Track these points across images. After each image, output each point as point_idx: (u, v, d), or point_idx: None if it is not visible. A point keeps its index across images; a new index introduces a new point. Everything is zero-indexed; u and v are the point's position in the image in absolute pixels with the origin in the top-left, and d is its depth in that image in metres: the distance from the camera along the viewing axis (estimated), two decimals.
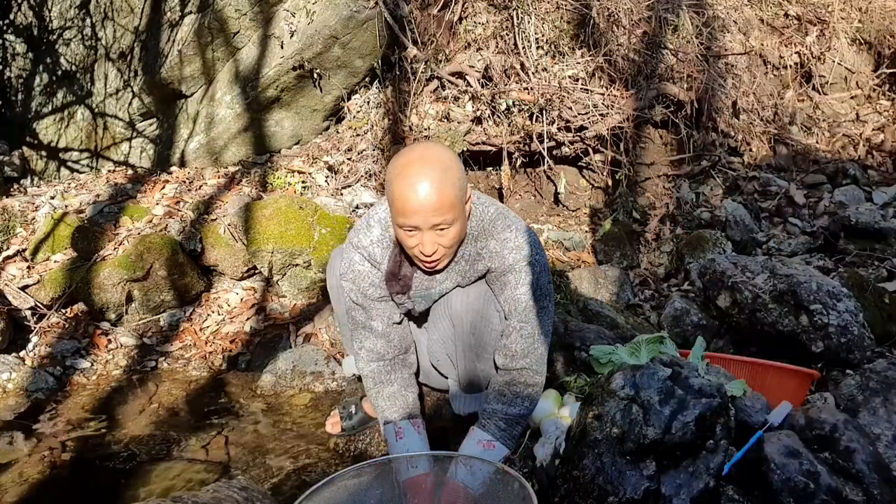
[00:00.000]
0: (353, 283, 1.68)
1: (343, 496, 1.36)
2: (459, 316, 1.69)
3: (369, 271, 1.66)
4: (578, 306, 2.67)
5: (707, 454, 1.46)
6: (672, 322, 2.49)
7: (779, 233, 3.30)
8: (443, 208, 1.44)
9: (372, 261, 1.66)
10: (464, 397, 1.88)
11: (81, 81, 5.11)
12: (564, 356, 2.21)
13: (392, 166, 1.48)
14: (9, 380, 2.40)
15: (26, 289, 2.72)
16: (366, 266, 1.66)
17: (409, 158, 1.47)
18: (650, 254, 3.42)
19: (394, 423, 1.68)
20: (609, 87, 3.72)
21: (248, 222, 2.95)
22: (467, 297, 1.67)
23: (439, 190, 1.42)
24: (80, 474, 1.90)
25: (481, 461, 1.40)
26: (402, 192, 1.43)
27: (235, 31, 3.87)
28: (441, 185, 1.43)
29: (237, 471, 1.86)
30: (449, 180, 1.44)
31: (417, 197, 1.42)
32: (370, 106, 3.90)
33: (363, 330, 1.72)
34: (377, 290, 1.68)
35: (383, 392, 1.72)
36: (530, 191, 3.96)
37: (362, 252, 1.65)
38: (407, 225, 1.46)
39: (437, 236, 1.48)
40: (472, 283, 1.68)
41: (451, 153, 1.54)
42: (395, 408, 1.70)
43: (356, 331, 1.74)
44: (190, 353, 2.65)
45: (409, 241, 1.50)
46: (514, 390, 1.65)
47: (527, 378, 1.65)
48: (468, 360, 1.76)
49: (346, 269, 1.68)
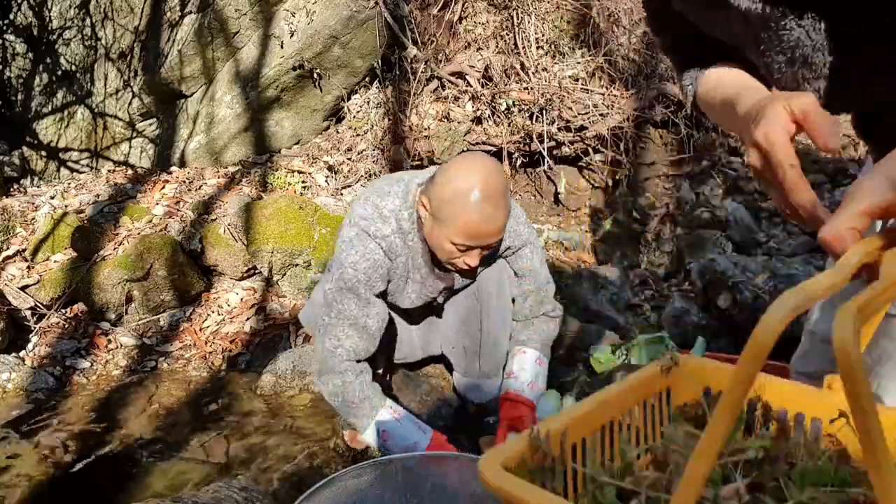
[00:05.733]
0: (364, 274, 1.60)
1: (343, 496, 1.36)
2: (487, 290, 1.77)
3: (384, 261, 1.62)
4: (578, 306, 2.66)
5: None
6: (672, 322, 2.49)
7: (779, 233, 3.29)
8: (501, 233, 1.54)
9: (389, 253, 1.62)
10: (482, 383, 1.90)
11: (81, 81, 5.11)
12: (564, 356, 2.21)
13: (460, 180, 1.48)
14: (9, 380, 2.39)
15: (26, 289, 2.72)
16: (381, 255, 1.61)
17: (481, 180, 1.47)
18: (650, 254, 3.42)
19: (385, 407, 1.67)
20: (609, 87, 3.72)
21: (248, 222, 2.95)
22: (488, 273, 1.77)
23: (503, 219, 1.51)
24: (80, 474, 1.89)
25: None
26: (472, 220, 1.47)
27: (235, 31, 3.87)
28: (504, 215, 1.51)
29: (237, 471, 1.85)
30: (507, 208, 1.53)
31: (487, 227, 1.49)
32: (370, 106, 3.90)
33: (351, 327, 1.63)
34: (384, 283, 1.66)
35: (366, 381, 1.67)
36: (530, 191, 3.96)
37: (381, 242, 1.61)
38: (468, 245, 1.51)
39: (484, 251, 1.56)
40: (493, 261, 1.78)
41: (500, 167, 1.62)
42: (379, 393, 1.69)
43: (339, 327, 1.63)
44: (190, 353, 2.64)
45: (455, 254, 1.54)
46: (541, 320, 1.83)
47: (548, 312, 1.84)
48: (496, 329, 1.81)
49: (360, 256, 1.60)
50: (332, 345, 1.64)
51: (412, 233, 1.63)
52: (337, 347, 1.64)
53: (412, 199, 1.62)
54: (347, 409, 1.66)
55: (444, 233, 1.51)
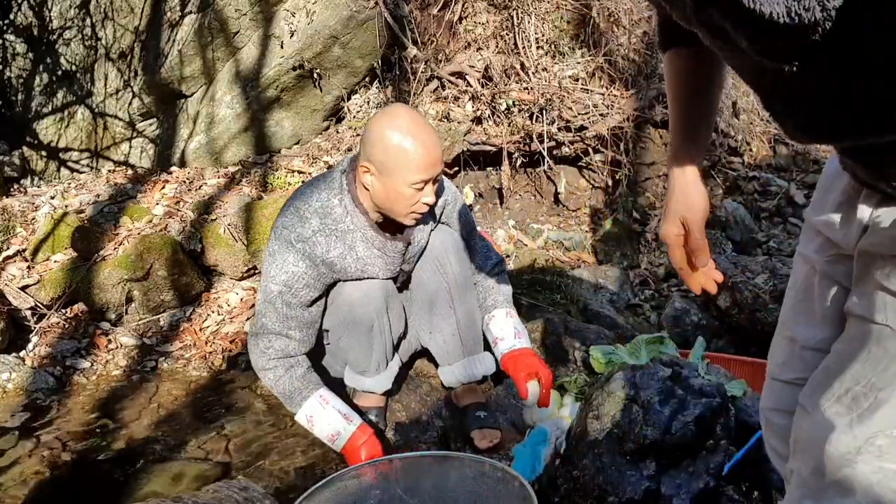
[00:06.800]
0: (285, 287, 1.66)
1: (343, 496, 1.36)
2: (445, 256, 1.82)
3: (305, 271, 1.66)
4: (578, 306, 2.67)
5: (707, 454, 1.46)
6: (672, 322, 2.49)
7: (779, 233, 3.30)
8: (442, 156, 1.63)
9: (311, 255, 1.65)
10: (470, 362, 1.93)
11: (81, 81, 5.11)
12: (564, 356, 2.21)
13: (389, 130, 1.56)
14: (9, 380, 2.39)
15: (26, 289, 2.72)
16: (301, 266, 1.65)
17: (407, 120, 1.57)
18: (650, 254, 3.42)
19: (314, 396, 1.72)
20: (609, 87, 3.72)
21: (248, 222, 2.95)
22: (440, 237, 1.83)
23: (439, 142, 1.61)
24: (80, 474, 1.90)
25: (481, 461, 1.40)
26: (421, 149, 1.55)
27: (235, 31, 3.87)
28: (437, 138, 1.61)
29: (237, 471, 1.85)
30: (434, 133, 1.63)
31: (433, 153, 1.57)
32: (370, 106, 3.90)
33: (276, 337, 1.71)
34: (312, 290, 1.69)
35: (295, 374, 1.74)
36: (530, 191, 3.96)
37: (303, 245, 1.64)
38: (423, 179, 1.57)
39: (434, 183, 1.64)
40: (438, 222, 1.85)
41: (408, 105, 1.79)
42: (310, 384, 1.74)
43: (264, 335, 1.72)
44: (190, 353, 2.65)
45: (414, 197, 1.60)
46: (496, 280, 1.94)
47: (500, 269, 1.97)
48: (467, 297, 1.87)
49: (278, 271, 1.66)
50: (264, 346, 1.73)
51: (352, 213, 1.67)
52: (268, 348, 1.73)
53: (339, 184, 1.68)
54: (283, 398, 1.77)
55: (399, 180, 1.57)
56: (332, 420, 1.71)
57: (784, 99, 0.72)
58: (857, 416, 0.77)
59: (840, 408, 0.79)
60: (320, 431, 1.73)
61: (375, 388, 1.92)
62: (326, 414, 1.72)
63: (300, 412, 1.74)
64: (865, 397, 0.77)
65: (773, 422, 1.05)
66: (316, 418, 1.72)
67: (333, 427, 1.71)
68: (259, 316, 1.73)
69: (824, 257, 0.92)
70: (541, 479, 1.66)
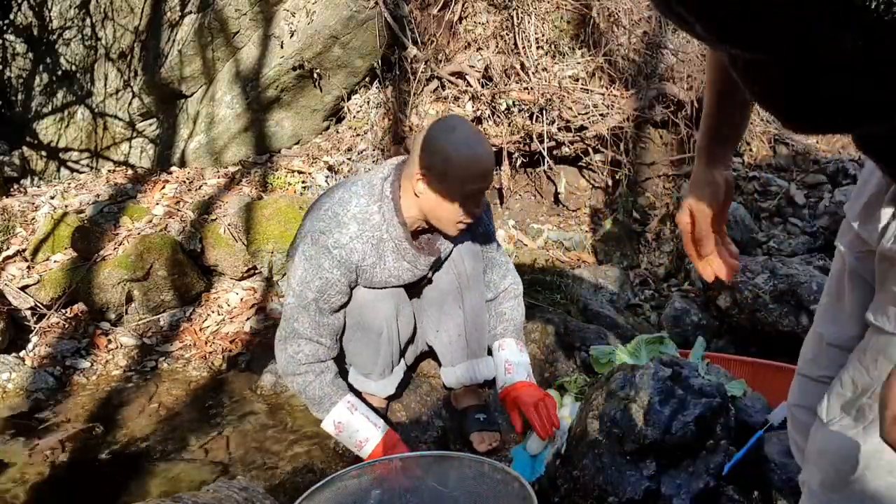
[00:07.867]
0: (319, 293, 1.64)
1: (343, 496, 1.36)
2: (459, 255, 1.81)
3: (339, 278, 1.64)
4: (578, 306, 2.67)
5: (707, 454, 1.46)
6: (672, 322, 2.49)
7: (779, 233, 3.30)
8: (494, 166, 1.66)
9: (347, 262, 1.63)
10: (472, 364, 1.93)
11: (81, 81, 5.11)
12: (564, 356, 2.21)
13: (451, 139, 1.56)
14: (9, 380, 2.39)
15: (26, 289, 2.72)
16: (335, 273, 1.63)
17: (466, 131, 1.58)
18: (650, 254, 3.42)
19: (343, 401, 1.72)
20: (609, 87, 3.72)
21: (248, 222, 2.95)
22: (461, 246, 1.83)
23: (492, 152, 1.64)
24: (80, 474, 1.90)
25: (480, 461, 1.40)
26: (480, 160, 1.57)
27: (235, 31, 3.87)
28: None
29: (237, 471, 1.85)
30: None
31: (491, 162, 1.60)
32: (370, 106, 3.90)
33: (306, 342, 1.70)
34: (343, 297, 1.68)
35: (325, 380, 1.73)
36: (530, 191, 3.96)
37: (339, 252, 1.61)
38: (480, 188, 1.59)
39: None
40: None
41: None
42: (339, 390, 1.74)
43: (293, 340, 1.70)
44: (190, 353, 2.65)
45: (466, 206, 1.59)
46: (510, 307, 1.92)
47: (514, 291, 1.94)
48: (475, 296, 1.86)
49: (313, 277, 1.63)
50: (294, 350, 1.71)
51: (389, 222, 1.64)
52: (297, 353, 1.71)
53: (381, 191, 1.64)
54: (310, 404, 1.75)
55: (456, 188, 1.56)
56: (361, 426, 1.70)
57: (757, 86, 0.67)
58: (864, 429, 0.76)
59: (848, 420, 0.78)
60: (348, 438, 1.72)
61: (379, 392, 1.92)
62: (355, 420, 1.70)
63: (328, 418, 1.72)
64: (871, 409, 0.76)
65: (796, 417, 1.04)
66: (344, 424, 1.71)
67: (362, 434, 1.70)
68: (290, 321, 1.69)
69: (854, 253, 0.90)
70: (541, 479, 1.66)
